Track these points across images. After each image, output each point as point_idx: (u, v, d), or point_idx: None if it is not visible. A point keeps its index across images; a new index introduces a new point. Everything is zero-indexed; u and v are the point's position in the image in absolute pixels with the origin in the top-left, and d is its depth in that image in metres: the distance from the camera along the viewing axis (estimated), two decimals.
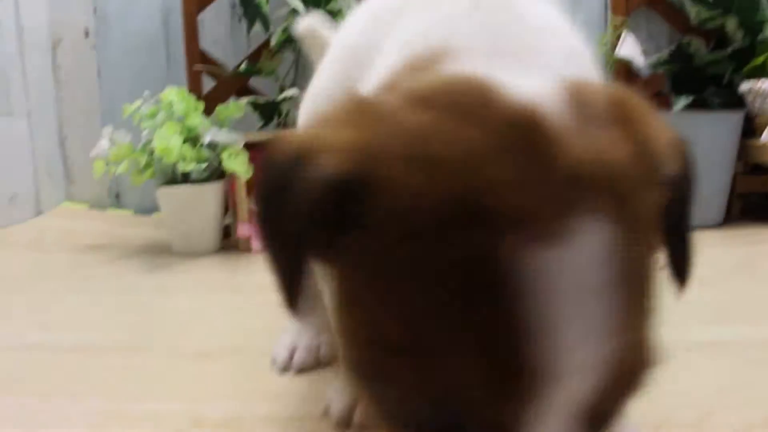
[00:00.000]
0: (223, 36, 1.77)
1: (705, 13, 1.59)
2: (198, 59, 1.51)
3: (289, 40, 1.46)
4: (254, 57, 1.60)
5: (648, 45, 1.74)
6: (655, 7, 1.74)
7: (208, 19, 1.74)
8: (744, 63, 1.54)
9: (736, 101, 1.53)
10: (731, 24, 1.59)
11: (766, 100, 1.44)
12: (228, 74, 1.60)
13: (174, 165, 1.23)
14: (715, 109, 1.58)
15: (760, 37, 1.55)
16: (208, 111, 1.40)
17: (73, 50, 1.88)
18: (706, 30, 1.65)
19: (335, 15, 1.44)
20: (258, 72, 1.56)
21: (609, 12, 1.73)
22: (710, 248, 1.28)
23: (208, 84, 1.62)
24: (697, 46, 1.66)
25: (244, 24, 1.60)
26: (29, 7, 1.75)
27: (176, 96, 1.27)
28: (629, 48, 1.57)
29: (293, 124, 1.55)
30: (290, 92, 1.47)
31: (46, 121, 1.83)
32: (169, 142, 1.18)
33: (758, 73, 1.54)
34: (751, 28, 1.55)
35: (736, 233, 1.43)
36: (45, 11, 1.82)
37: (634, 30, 1.71)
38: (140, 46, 1.85)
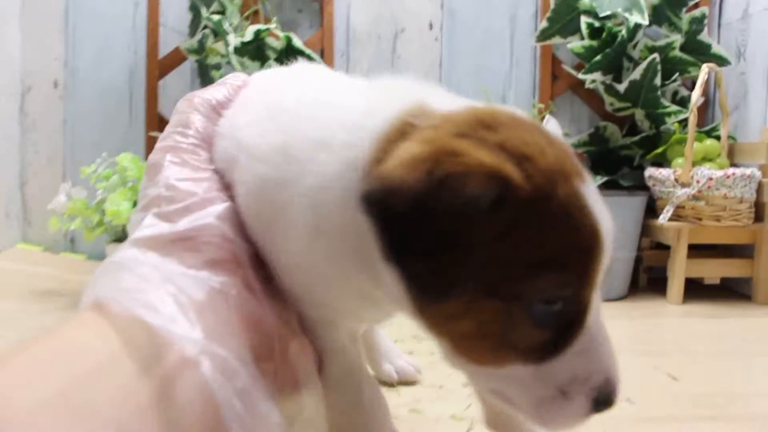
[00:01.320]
0: None
1: (617, 103, 1.77)
2: (156, 124, 1.64)
3: None
4: None
5: (571, 127, 1.91)
6: (578, 92, 1.92)
7: (170, 82, 1.88)
8: (651, 149, 1.72)
9: (645, 183, 1.70)
10: (639, 114, 1.77)
11: (664, 185, 1.60)
12: None
13: (123, 226, 1.36)
14: (625, 190, 1.75)
15: (663, 127, 1.73)
16: None
17: (41, 99, 1.98)
18: (621, 117, 1.83)
19: None
20: None
21: (537, 94, 1.91)
22: (611, 320, 1.43)
23: None
24: (612, 130, 1.84)
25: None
26: (2, 54, 1.86)
27: (130, 162, 1.40)
28: (551, 129, 1.74)
29: None
30: None
31: (9, 163, 1.93)
32: (119, 207, 1.31)
33: (661, 159, 1.71)
34: (655, 119, 1.74)
35: (637, 306, 1.58)
36: (18, 59, 1.93)
37: (560, 113, 1.89)
38: (107, 102, 1.95)
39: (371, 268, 0.44)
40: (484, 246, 0.40)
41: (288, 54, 1.63)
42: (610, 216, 0.45)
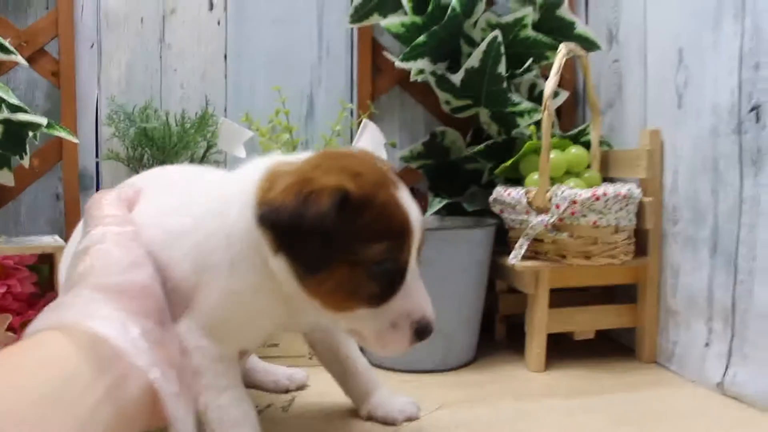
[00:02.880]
0: None
1: (455, 101, 1.33)
2: None
3: None
4: None
5: (402, 134, 1.46)
6: (409, 89, 1.46)
7: None
8: (502, 161, 1.28)
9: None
10: (484, 115, 1.33)
11: (515, 211, 1.17)
12: None
13: None
14: (472, 216, 1.31)
15: (516, 132, 1.30)
16: None
17: None
18: (463, 119, 1.39)
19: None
20: None
21: (355, 92, 1.45)
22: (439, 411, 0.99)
23: None
24: (453, 138, 1.40)
25: None
26: None
27: None
28: (368, 138, 1.27)
29: None
30: None
31: None
32: None
33: (515, 174, 1.28)
34: (504, 121, 1.30)
35: (482, 378, 1.15)
36: None
37: (386, 116, 1.44)
38: None
39: (270, 275, 0.70)
40: (337, 233, 0.65)
41: None
42: (417, 208, 0.72)
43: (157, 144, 1.29)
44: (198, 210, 0.73)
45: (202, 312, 0.70)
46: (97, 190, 1.40)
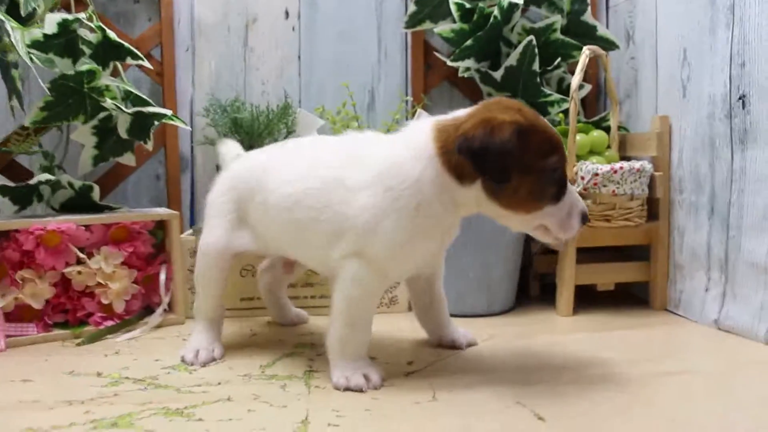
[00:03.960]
0: None
1: (495, 93, 1.58)
2: None
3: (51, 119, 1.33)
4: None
5: None
6: (455, 83, 1.72)
7: None
8: None
9: None
10: None
11: None
12: None
13: None
14: None
15: (547, 118, 1.55)
16: None
17: None
18: None
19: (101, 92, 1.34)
20: (9, 152, 1.44)
21: (410, 87, 1.70)
22: (488, 340, 1.24)
23: None
24: None
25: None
26: None
27: None
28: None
29: (58, 207, 1.42)
30: (43, 177, 1.34)
31: None
32: None
33: None
34: (538, 109, 1.54)
35: (521, 321, 1.39)
36: None
37: (436, 106, 1.69)
38: None
39: (452, 202, 0.97)
40: (518, 151, 0.89)
41: (106, 49, 1.37)
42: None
43: (246, 130, 1.55)
44: (375, 168, 0.96)
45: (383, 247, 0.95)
46: (192, 172, 1.67)
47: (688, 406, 0.90)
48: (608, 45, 1.58)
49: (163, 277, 1.38)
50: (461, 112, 0.97)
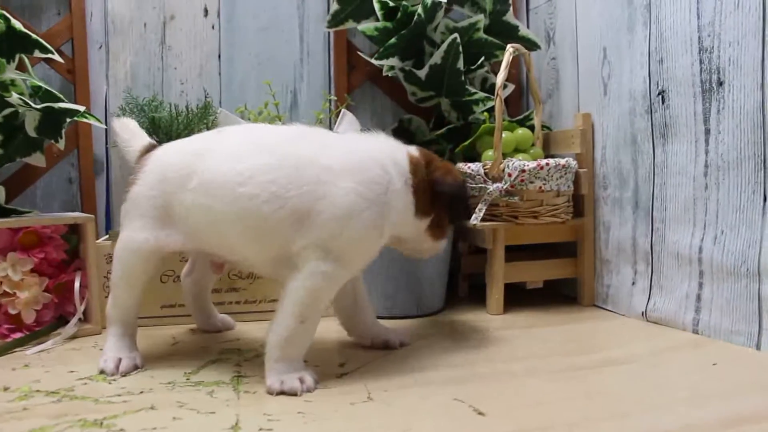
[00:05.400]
0: None
1: (420, 92, 1.57)
2: None
3: None
4: None
5: (373, 122, 1.69)
6: (379, 83, 1.70)
7: None
8: (461, 142, 1.53)
9: None
10: (445, 104, 1.58)
11: (475, 181, 1.41)
12: None
13: None
14: None
15: (472, 117, 1.55)
16: None
17: None
18: (427, 108, 1.64)
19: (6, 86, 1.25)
20: None
21: (333, 86, 1.67)
22: (420, 339, 1.22)
23: None
24: (418, 124, 1.64)
25: None
26: None
27: None
28: (347, 125, 1.50)
29: None
30: None
31: None
32: None
33: (472, 153, 1.53)
34: (462, 108, 1.55)
35: (451, 320, 1.38)
36: None
37: (360, 106, 1.66)
38: None
39: (392, 223, 1.00)
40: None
41: (11, 40, 1.29)
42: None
43: (165, 131, 1.48)
44: (356, 155, 0.98)
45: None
46: (107, 174, 1.59)
47: (626, 392, 0.90)
48: (530, 45, 1.60)
49: (77, 284, 1.29)
50: (412, 150, 1.07)
